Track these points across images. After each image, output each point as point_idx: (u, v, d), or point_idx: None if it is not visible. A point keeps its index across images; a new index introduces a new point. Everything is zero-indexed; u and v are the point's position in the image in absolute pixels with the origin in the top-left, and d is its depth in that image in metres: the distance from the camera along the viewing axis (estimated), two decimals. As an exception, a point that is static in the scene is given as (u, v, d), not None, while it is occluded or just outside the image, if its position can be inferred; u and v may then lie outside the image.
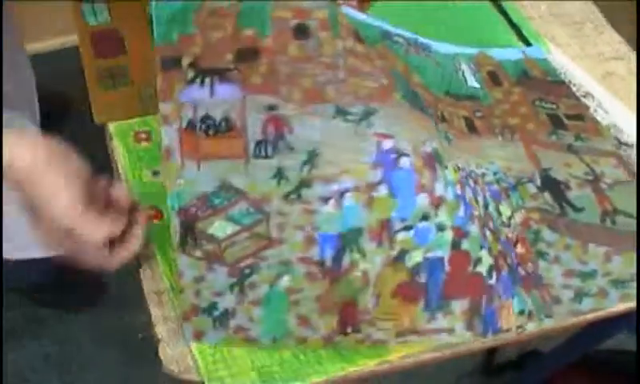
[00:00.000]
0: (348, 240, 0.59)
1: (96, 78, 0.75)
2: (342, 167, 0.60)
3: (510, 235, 0.66)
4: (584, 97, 0.80)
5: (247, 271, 0.60)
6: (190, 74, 0.62)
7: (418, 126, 0.64)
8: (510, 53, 0.83)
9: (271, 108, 0.62)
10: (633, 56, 0.89)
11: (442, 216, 0.60)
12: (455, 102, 0.74)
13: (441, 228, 0.60)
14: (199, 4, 0.64)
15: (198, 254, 0.59)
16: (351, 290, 0.59)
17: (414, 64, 0.73)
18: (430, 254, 0.59)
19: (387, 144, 0.61)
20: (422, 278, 0.59)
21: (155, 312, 0.61)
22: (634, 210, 0.69)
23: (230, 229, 0.59)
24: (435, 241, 0.59)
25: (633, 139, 0.77)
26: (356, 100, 0.62)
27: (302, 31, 0.65)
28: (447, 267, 0.60)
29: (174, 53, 0.63)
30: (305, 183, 0.60)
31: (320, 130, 0.61)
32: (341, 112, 0.62)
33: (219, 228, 0.59)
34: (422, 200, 0.60)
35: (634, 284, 0.64)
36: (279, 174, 0.60)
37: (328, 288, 0.59)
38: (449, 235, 0.60)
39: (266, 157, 0.60)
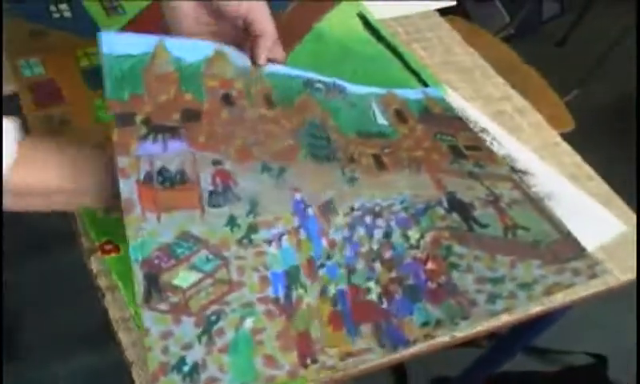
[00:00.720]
0: (292, 276, 0.67)
1: (40, 126, 0.77)
2: (275, 214, 0.70)
3: (418, 255, 0.74)
4: (481, 132, 0.90)
5: (213, 318, 0.62)
6: (143, 131, 0.66)
7: (317, 180, 0.74)
8: (412, 93, 0.92)
9: (216, 163, 0.69)
10: (517, 97, 1.00)
11: (337, 256, 0.70)
12: (366, 141, 0.82)
13: (339, 265, 0.70)
14: (146, 65, 0.69)
15: (164, 307, 0.61)
16: (303, 322, 0.65)
17: (332, 108, 0.82)
18: (338, 287, 0.69)
19: (298, 196, 0.72)
20: (339, 307, 0.68)
21: (124, 337, 0.64)
22: (529, 225, 0.78)
23: (194, 277, 0.63)
24: (338, 276, 0.69)
25: (527, 167, 0.87)
26: (273, 159, 0.73)
27: (227, 99, 0.73)
28: (349, 297, 0.69)
29: (126, 109, 0.66)
30: (252, 229, 0.68)
31: (255, 183, 0.70)
32: (266, 168, 0.72)
33: (183, 278, 0.62)
34: (324, 242, 0.71)
35: (537, 286, 0.72)
36: (231, 222, 0.67)
37: (285, 324, 0.64)
38: (344, 271, 0.70)
39: (219, 206, 0.67)
